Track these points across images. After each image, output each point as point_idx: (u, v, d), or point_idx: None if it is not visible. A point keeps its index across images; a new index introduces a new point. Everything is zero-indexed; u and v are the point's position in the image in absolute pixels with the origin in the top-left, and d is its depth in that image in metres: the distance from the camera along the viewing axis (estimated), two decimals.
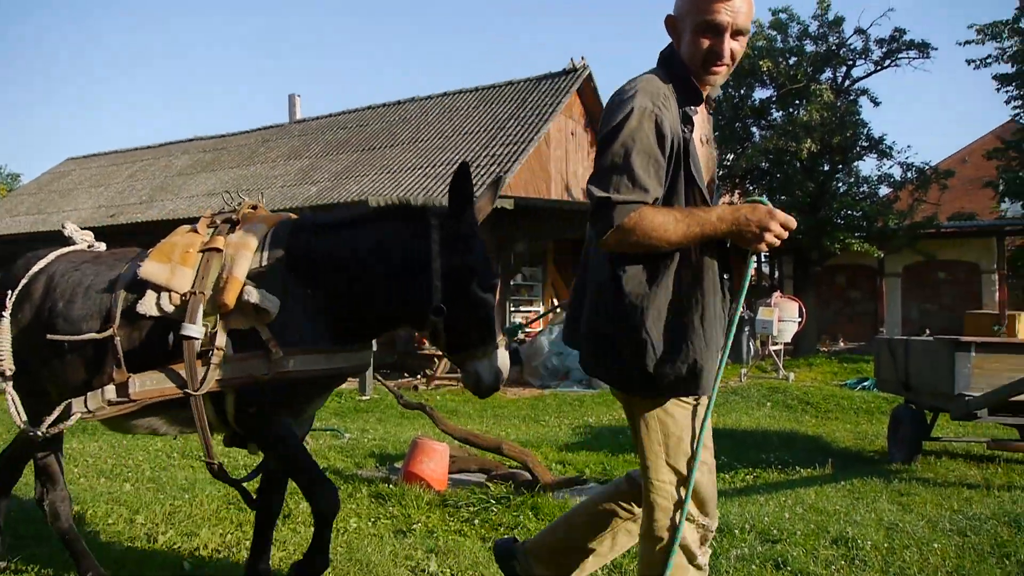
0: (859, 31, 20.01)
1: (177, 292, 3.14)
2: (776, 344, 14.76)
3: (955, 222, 20.60)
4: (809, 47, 19.96)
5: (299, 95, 25.68)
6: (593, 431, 8.78)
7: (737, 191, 21.08)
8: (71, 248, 3.71)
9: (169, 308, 3.13)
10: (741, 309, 2.59)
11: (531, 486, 5.28)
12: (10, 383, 3.39)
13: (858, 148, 19.40)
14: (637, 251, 2.34)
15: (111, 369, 3.15)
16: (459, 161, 17.37)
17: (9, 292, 3.44)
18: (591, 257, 2.60)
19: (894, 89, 71.60)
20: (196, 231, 3.36)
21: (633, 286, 2.39)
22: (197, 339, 3.05)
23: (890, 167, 19.89)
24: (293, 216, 3.40)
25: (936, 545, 4.24)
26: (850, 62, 20.14)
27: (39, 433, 3.19)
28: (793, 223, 2.39)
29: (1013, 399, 5.57)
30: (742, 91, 20.10)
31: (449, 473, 5.73)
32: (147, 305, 3.14)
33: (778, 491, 5.59)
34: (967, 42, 18.92)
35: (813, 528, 4.52)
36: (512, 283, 15.64)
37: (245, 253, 3.15)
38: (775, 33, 20.05)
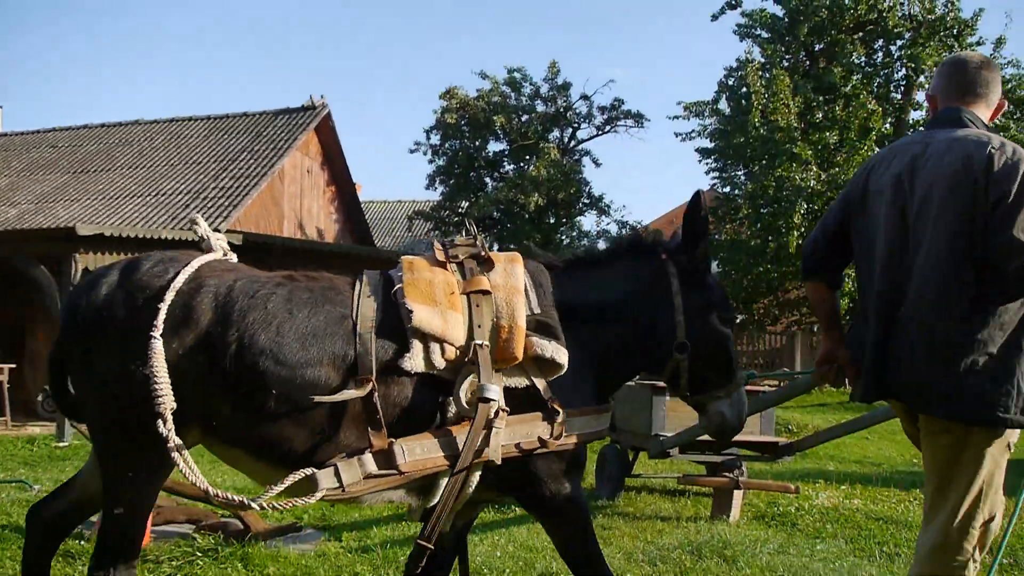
0: (584, 97, 21.78)
1: (453, 344, 2.64)
2: None
3: None
4: (540, 107, 21.33)
5: (0, 106, 23.13)
6: None
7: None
8: (216, 257, 2.88)
9: (441, 364, 2.63)
10: None
11: (242, 536, 5.03)
12: (172, 431, 2.49)
13: (580, 205, 20.95)
14: None
15: (358, 433, 2.58)
16: (184, 191, 16.29)
17: (160, 306, 2.57)
18: (933, 298, 2.64)
19: (614, 152, 78.10)
20: (441, 266, 2.84)
21: (1007, 323, 2.60)
22: (495, 401, 2.57)
23: (608, 224, 21.68)
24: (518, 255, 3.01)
25: (629, 575, 4.56)
26: (575, 124, 21.77)
27: (256, 507, 2.48)
28: None
29: (700, 439, 6.18)
30: (477, 143, 20.97)
31: (153, 525, 5.29)
32: (415, 360, 2.61)
33: (493, 530, 5.75)
34: (675, 117, 21.16)
35: (522, 565, 4.69)
36: None
37: (519, 298, 2.75)
38: (510, 91, 21.19)
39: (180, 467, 2.49)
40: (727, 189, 22.18)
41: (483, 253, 2.91)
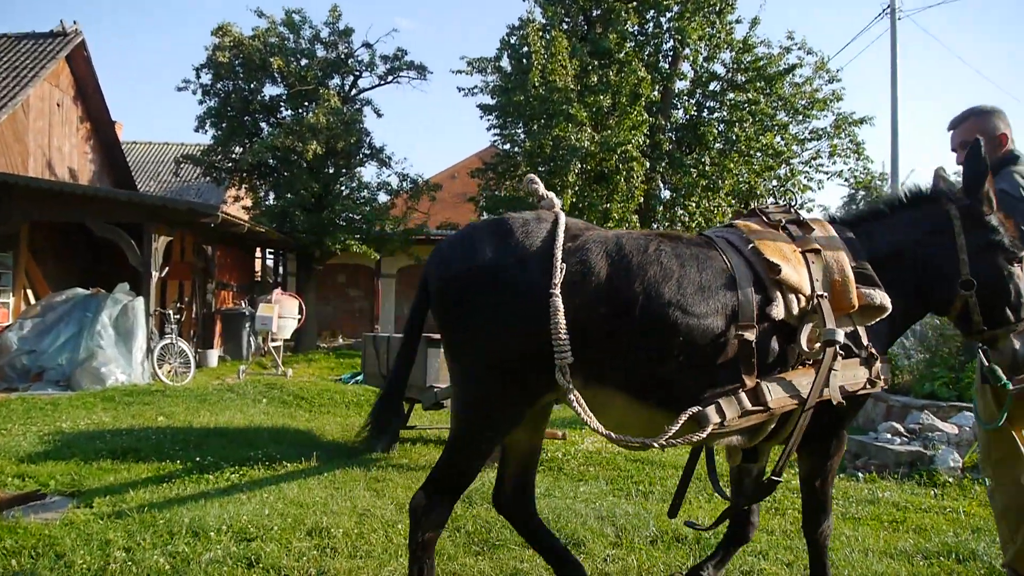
0: (366, 45, 21.23)
1: (804, 295, 2.98)
2: (276, 341, 14.84)
3: (442, 230, 22.87)
4: (320, 52, 20.53)
5: None
6: (66, 438, 7.88)
7: (244, 186, 20.79)
8: (558, 213, 3.04)
9: (795, 312, 2.97)
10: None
11: None
12: (571, 383, 2.77)
13: (361, 155, 20.48)
14: None
15: (729, 376, 2.88)
16: None
17: (554, 264, 2.77)
18: None
19: (397, 103, 77.03)
20: (773, 228, 3.21)
21: None
22: (839, 343, 2.92)
23: (388, 176, 21.44)
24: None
25: (400, 526, 4.59)
26: (357, 72, 21.17)
27: (656, 445, 2.80)
28: None
29: None
30: (252, 85, 19.88)
31: None
32: (779, 309, 2.93)
33: (262, 487, 5.58)
34: (459, 71, 21.12)
35: (291, 522, 4.59)
36: None
37: (843, 254, 3.09)
38: (288, 32, 20.22)
39: (580, 414, 2.77)
40: (507, 146, 22.60)
41: (800, 217, 3.28)
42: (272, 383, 12.22)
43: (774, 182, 22.28)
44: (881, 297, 3.06)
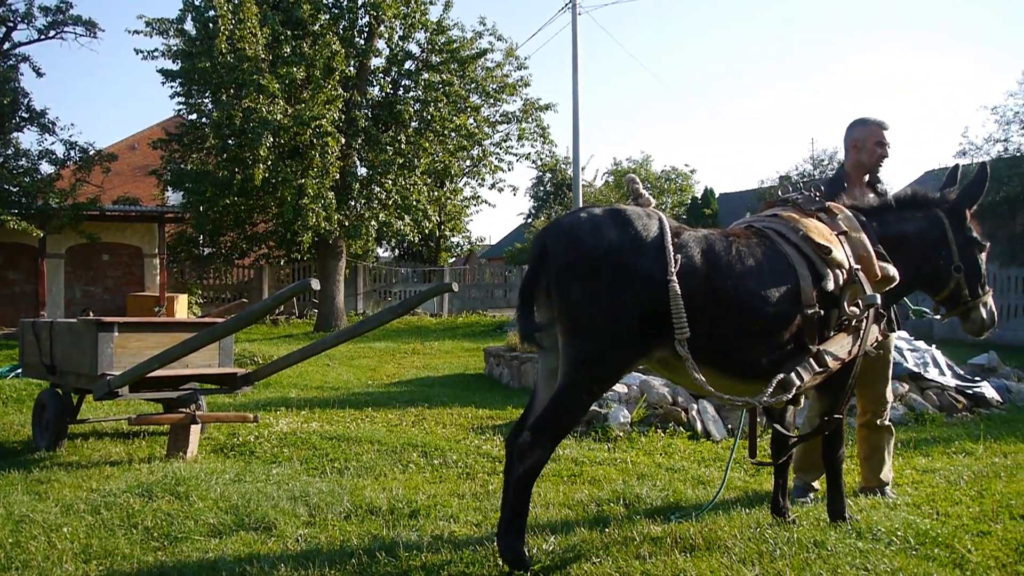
0: None
1: (844, 270, 3.66)
2: None
3: (119, 206, 20.94)
4: None
5: None
6: None
7: None
8: (660, 213, 3.56)
9: (840, 284, 3.64)
10: None
11: None
12: (689, 354, 3.32)
13: (18, 118, 18.03)
14: None
15: (795, 346, 3.59)
16: None
17: (667, 255, 3.31)
18: None
19: (63, 62, 68.99)
20: (810, 216, 3.88)
21: None
22: (879, 304, 3.69)
23: (52, 143, 19.11)
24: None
25: (66, 529, 4.14)
26: (11, 23, 18.68)
27: (755, 403, 3.53)
28: None
29: (156, 375, 5.84)
30: None
31: None
32: (830, 283, 3.60)
33: None
34: (136, 32, 19.29)
35: None
36: None
37: (863, 235, 3.83)
38: None
39: (694, 376, 3.33)
40: (194, 116, 21.18)
41: (826, 205, 3.94)
42: None
43: (468, 162, 23.14)
44: (893, 270, 3.84)
